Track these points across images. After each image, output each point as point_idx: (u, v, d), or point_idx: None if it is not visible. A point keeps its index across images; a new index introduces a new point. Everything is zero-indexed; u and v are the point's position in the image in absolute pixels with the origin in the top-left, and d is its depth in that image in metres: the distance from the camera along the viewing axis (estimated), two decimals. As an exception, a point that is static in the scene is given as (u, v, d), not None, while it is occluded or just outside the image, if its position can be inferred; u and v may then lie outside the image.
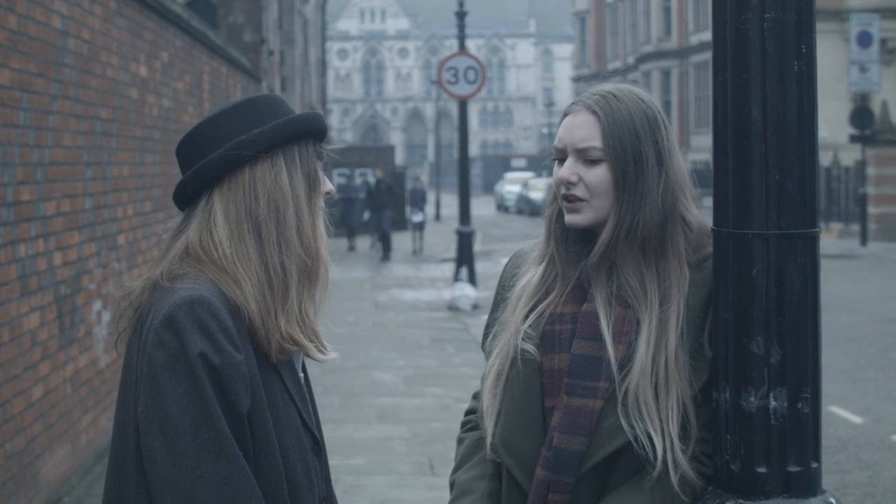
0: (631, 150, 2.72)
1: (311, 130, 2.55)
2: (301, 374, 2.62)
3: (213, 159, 2.47)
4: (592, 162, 2.75)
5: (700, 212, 2.82)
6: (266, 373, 2.45)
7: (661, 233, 2.73)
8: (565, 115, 2.84)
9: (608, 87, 2.82)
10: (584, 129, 2.77)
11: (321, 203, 2.58)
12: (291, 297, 2.49)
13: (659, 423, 2.63)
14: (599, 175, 2.74)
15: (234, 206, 2.47)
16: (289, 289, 2.48)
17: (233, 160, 2.47)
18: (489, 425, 2.82)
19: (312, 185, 2.54)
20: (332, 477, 5.74)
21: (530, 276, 2.89)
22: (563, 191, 2.79)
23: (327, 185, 2.60)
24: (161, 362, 2.32)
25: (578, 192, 2.76)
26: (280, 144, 2.50)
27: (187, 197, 2.53)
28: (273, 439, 2.44)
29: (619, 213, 2.72)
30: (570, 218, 2.80)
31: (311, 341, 2.55)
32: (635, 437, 2.63)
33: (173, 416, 2.30)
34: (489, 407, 2.82)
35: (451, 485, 2.92)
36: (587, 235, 2.80)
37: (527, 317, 2.82)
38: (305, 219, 2.51)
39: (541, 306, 2.81)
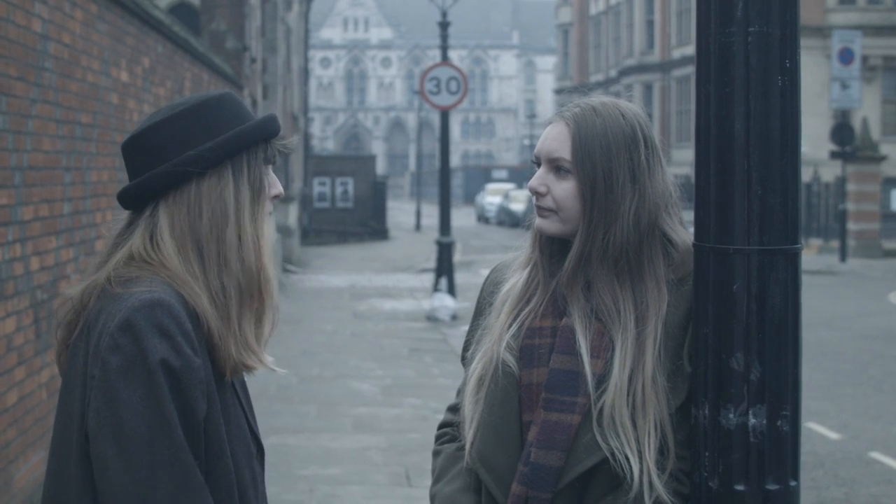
0: (601, 165, 2.70)
1: (264, 137, 2.48)
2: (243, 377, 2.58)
3: (158, 174, 2.40)
4: (562, 174, 2.75)
5: (686, 232, 2.78)
6: (219, 379, 2.40)
7: (636, 253, 2.70)
8: (548, 123, 2.83)
9: (594, 100, 2.81)
10: (556, 141, 2.76)
11: (268, 208, 2.52)
12: (233, 318, 2.43)
13: (636, 445, 2.61)
14: (566, 189, 2.74)
15: (178, 221, 2.41)
16: (230, 310, 2.42)
17: (178, 176, 2.40)
18: (469, 433, 2.79)
19: (257, 193, 2.48)
20: (308, 486, 5.64)
21: (515, 280, 2.88)
22: (533, 200, 2.80)
23: (276, 188, 2.53)
24: (116, 367, 2.25)
25: (545, 203, 2.77)
26: (229, 157, 2.43)
27: (131, 202, 2.46)
28: (226, 446, 2.38)
29: (587, 228, 2.71)
30: (538, 223, 2.81)
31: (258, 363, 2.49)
32: (612, 454, 2.61)
33: (128, 423, 2.24)
34: (471, 413, 2.79)
35: (432, 498, 2.87)
36: (567, 246, 2.78)
37: (511, 324, 2.80)
38: (247, 234, 2.45)
39: (522, 314, 2.79)
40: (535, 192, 2.78)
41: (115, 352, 2.26)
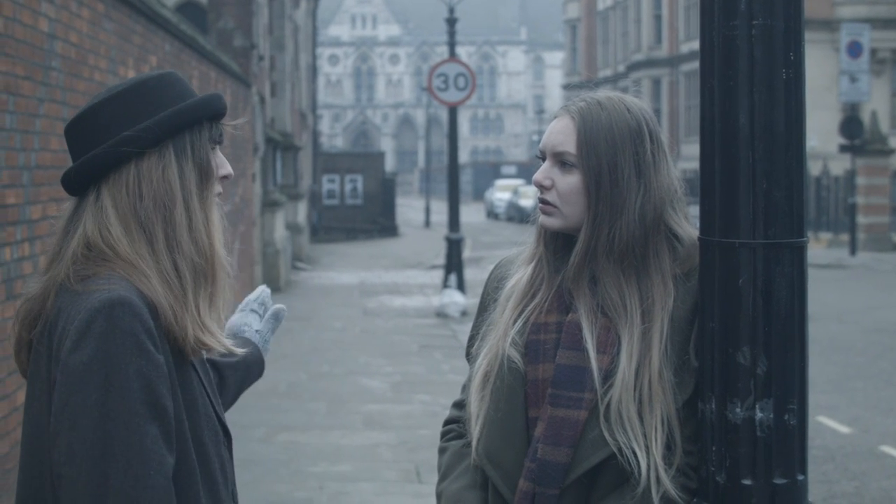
0: (606, 159, 2.70)
1: (206, 116, 2.41)
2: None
3: (95, 156, 2.33)
4: (567, 168, 2.74)
5: (692, 227, 2.77)
6: (181, 367, 2.33)
7: (642, 248, 2.70)
8: (554, 117, 2.83)
9: (599, 94, 2.80)
10: (561, 135, 2.76)
11: (216, 190, 2.45)
12: (189, 299, 2.34)
13: (643, 440, 2.60)
14: (571, 183, 2.73)
15: (120, 203, 2.33)
16: (186, 291, 2.34)
17: (115, 157, 2.32)
18: (475, 429, 2.78)
19: (204, 175, 2.41)
20: (318, 483, 5.50)
21: (519, 275, 2.87)
22: (538, 194, 2.80)
23: (225, 169, 2.46)
24: (75, 370, 2.16)
25: (549, 197, 2.76)
26: (169, 136, 2.36)
27: (76, 187, 2.38)
28: (188, 438, 2.31)
29: (592, 222, 2.70)
30: (542, 220, 2.80)
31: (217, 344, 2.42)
32: (619, 449, 2.60)
33: (83, 429, 2.15)
34: (476, 410, 2.79)
35: (439, 496, 2.86)
36: (572, 241, 2.77)
37: (516, 320, 2.79)
38: (196, 215, 2.38)
39: (527, 310, 2.79)
40: (540, 186, 2.77)
41: (74, 354, 2.18)
